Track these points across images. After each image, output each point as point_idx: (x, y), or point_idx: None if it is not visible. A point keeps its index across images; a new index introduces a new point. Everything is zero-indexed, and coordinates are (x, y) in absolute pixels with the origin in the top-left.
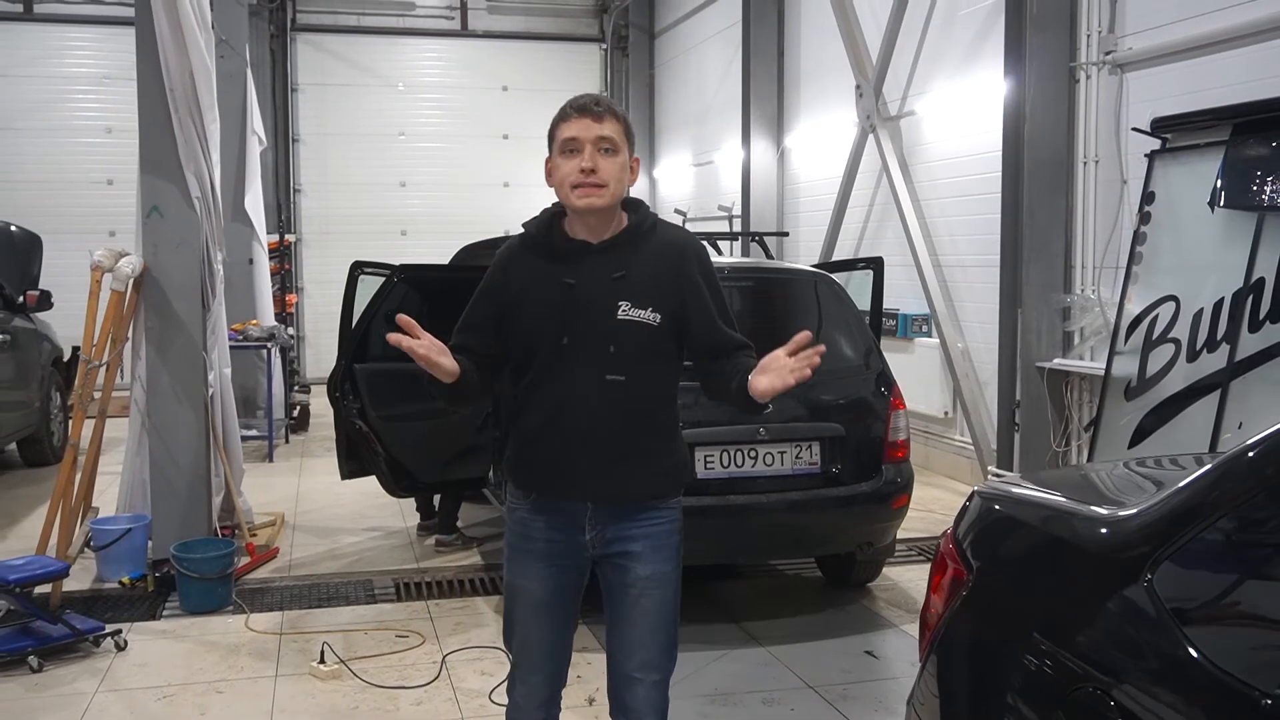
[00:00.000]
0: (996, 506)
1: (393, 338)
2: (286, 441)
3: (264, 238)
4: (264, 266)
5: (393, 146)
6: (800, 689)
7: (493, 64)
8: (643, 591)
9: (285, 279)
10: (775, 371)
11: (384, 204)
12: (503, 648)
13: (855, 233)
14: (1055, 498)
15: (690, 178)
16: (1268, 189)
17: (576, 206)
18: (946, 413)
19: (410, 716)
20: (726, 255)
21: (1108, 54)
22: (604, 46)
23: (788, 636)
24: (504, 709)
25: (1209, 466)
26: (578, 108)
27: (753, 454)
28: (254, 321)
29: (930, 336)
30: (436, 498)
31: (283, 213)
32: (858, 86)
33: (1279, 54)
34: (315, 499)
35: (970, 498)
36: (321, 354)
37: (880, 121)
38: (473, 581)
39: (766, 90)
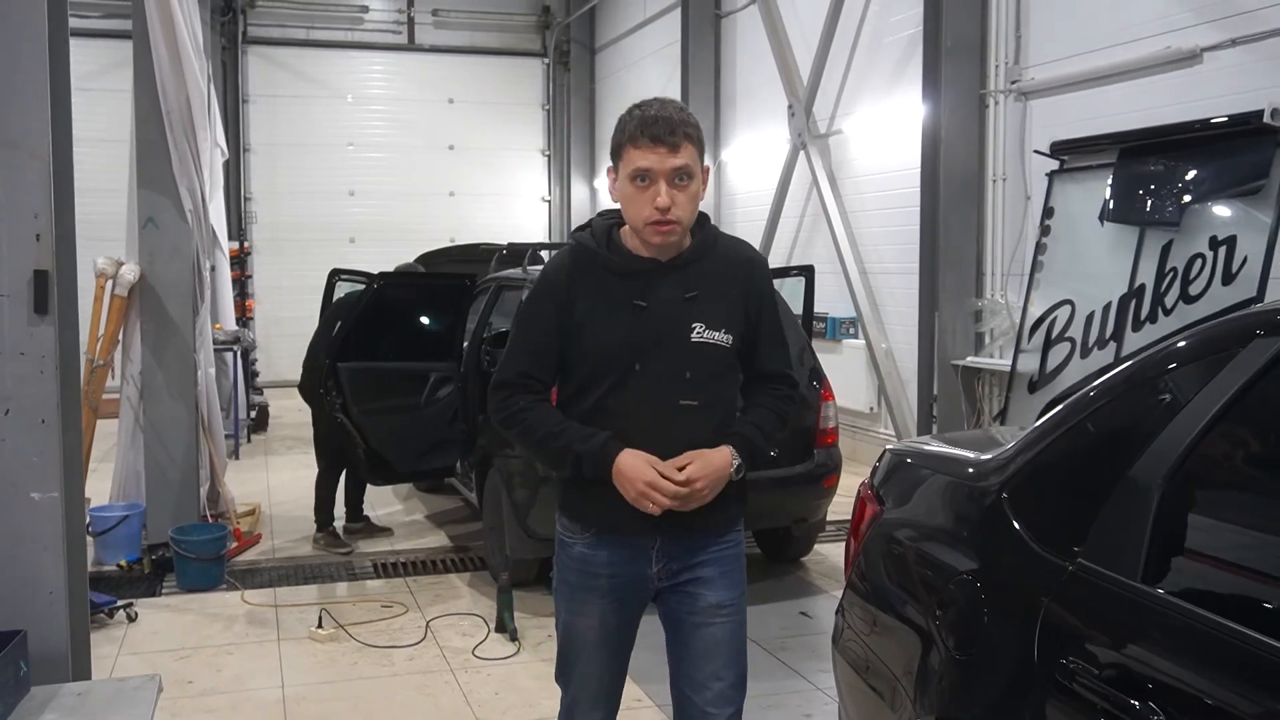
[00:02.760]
0: (905, 459)
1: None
2: (249, 440)
3: (225, 245)
4: (226, 273)
5: (342, 156)
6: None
7: (439, 77)
8: (712, 620)
9: (244, 285)
10: (684, 473)
11: (333, 212)
12: (556, 680)
13: (788, 241)
14: (949, 449)
15: None
16: (1148, 205)
17: (654, 243)
18: (872, 408)
19: (406, 669)
20: None
21: (1013, 83)
22: (546, 61)
23: None
24: (486, 661)
25: (1047, 417)
26: (651, 136)
27: None
28: (218, 325)
29: (857, 338)
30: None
31: (241, 221)
32: (790, 106)
33: (1159, 87)
34: (286, 491)
35: (883, 455)
36: (273, 358)
37: (811, 139)
38: (445, 560)
39: (704, 107)
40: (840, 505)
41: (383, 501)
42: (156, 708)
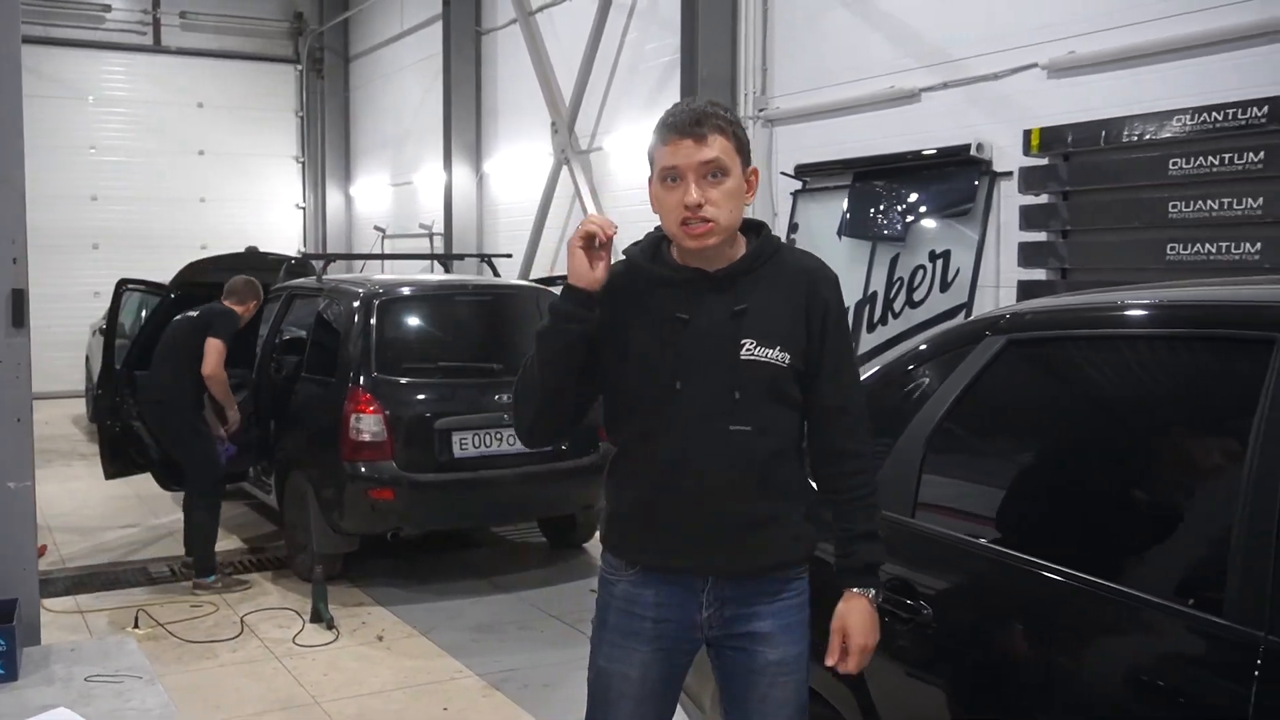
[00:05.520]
0: None
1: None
2: None
3: None
4: None
5: (83, 160)
6: (545, 618)
7: (187, 80)
8: (774, 681)
9: None
10: (853, 655)
11: (74, 218)
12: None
13: (552, 251)
14: None
15: (389, 197)
16: (878, 223)
17: (688, 247)
18: None
19: (232, 660)
20: (440, 273)
21: (761, 111)
22: (300, 68)
23: (528, 584)
24: (308, 648)
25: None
26: (675, 128)
27: (498, 436)
28: None
29: None
30: None
31: None
32: (553, 123)
33: (887, 120)
34: (63, 503)
35: None
36: None
37: (573, 154)
38: (244, 561)
39: (466, 119)
40: None
41: (165, 509)
42: None
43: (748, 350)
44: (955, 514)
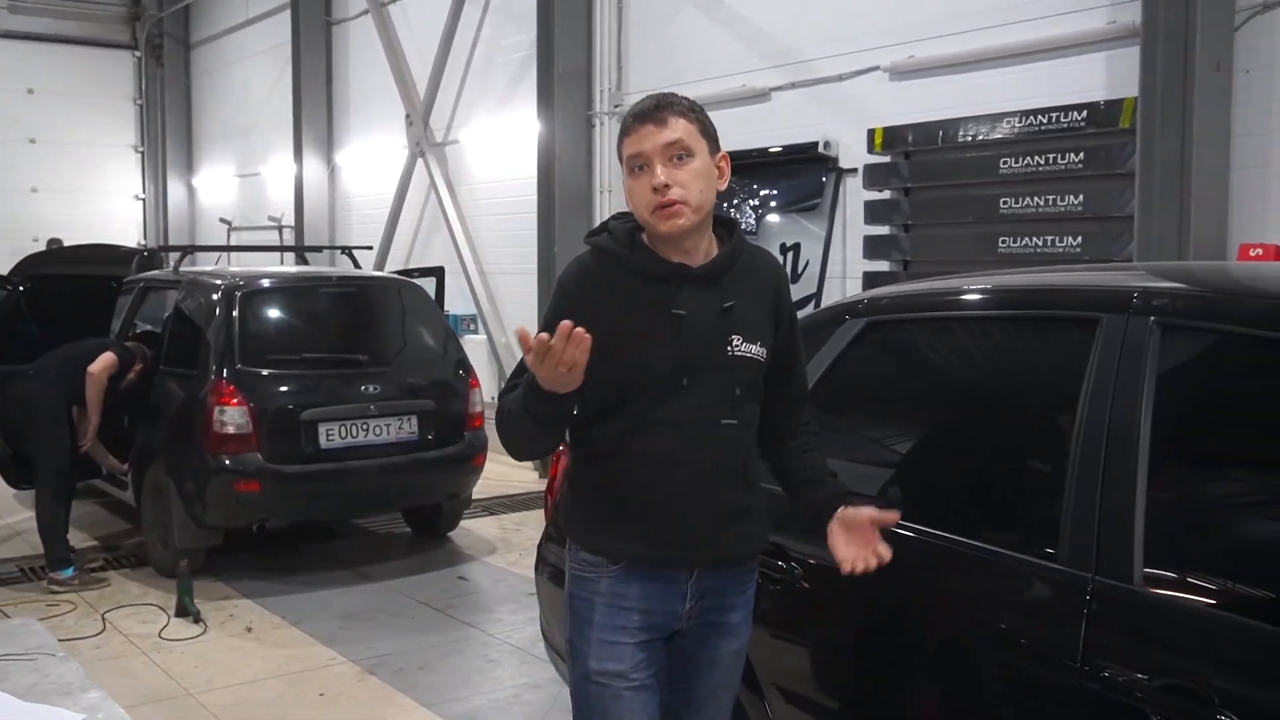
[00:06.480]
0: None
1: (538, 340)
2: None
3: None
4: None
5: None
6: (414, 605)
7: (16, 65)
8: (728, 669)
9: None
10: (860, 549)
11: None
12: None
13: (407, 243)
14: None
15: (235, 188)
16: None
17: (662, 232)
18: (493, 396)
19: (96, 657)
20: (296, 265)
21: (616, 107)
22: (138, 54)
23: (394, 573)
24: (176, 642)
25: None
26: (637, 116)
27: (365, 427)
28: None
29: (479, 333)
30: None
31: None
32: (407, 115)
33: (739, 117)
34: None
35: None
36: None
37: (429, 147)
38: (100, 560)
39: (317, 110)
40: (482, 485)
41: (9, 509)
42: None
43: (736, 347)
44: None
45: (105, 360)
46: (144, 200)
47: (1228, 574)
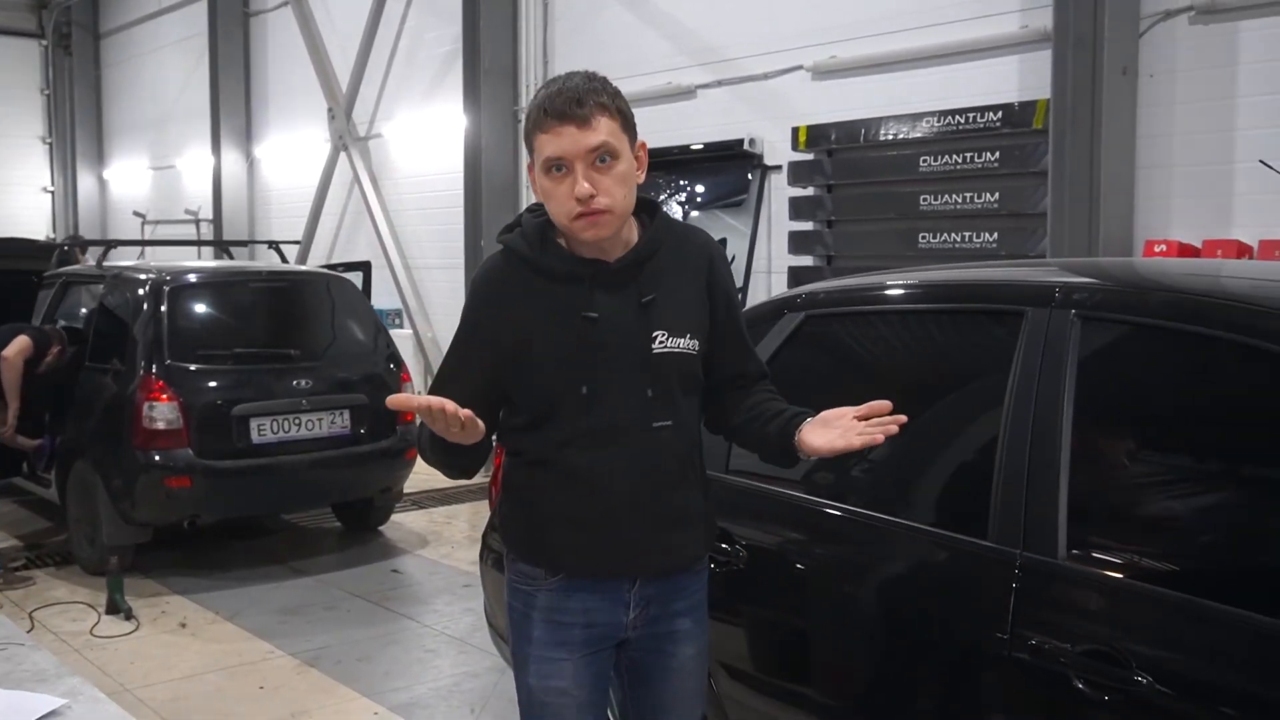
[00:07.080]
0: None
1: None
2: None
3: None
4: None
5: None
6: (350, 598)
7: None
8: (690, 674)
9: None
10: (841, 431)
11: None
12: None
13: (330, 238)
14: None
15: (149, 180)
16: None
17: (584, 239)
18: (419, 391)
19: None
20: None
21: None
22: (45, 43)
23: (328, 568)
24: (108, 639)
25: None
26: (555, 113)
27: (297, 421)
28: None
29: (404, 328)
30: None
31: None
32: (329, 109)
33: (666, 115)
34: None
35: None
36: None
37: (352, 141)
38: (23, 560)
39: (235, 103)
40: (412, 479)
41: None
42: None
43: (660, 343)
44: (761, 470)
45: (19, 344)
46: (53, 193)
47: (1142, 547)
